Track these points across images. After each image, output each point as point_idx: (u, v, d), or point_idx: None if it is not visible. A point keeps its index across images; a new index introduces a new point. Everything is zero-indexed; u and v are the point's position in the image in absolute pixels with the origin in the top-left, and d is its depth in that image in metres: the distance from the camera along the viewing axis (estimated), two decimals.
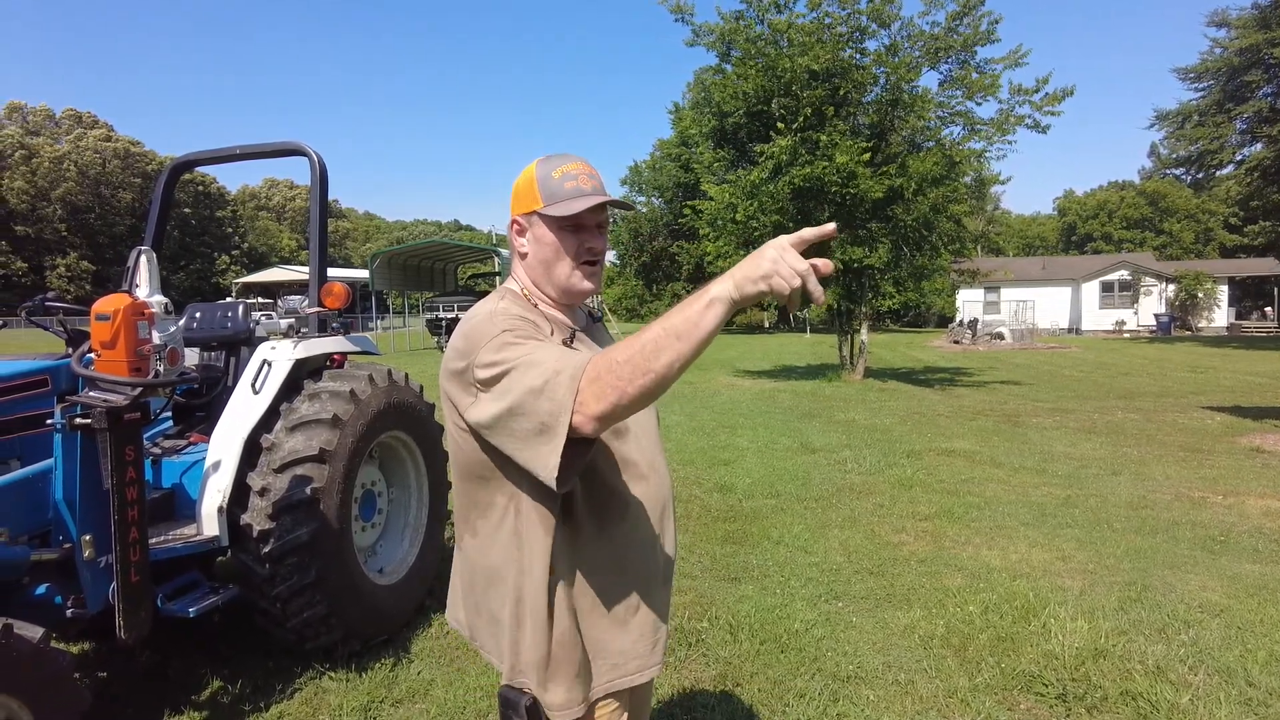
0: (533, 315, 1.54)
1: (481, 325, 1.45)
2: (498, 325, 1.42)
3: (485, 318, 1.47)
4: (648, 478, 1.60)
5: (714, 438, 9.50)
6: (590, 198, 1.51)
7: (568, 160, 1.57)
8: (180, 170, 4.38)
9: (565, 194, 1.52)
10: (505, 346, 1.37)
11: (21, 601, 2.82)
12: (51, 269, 63.46)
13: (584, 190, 1.52)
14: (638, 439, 1.61)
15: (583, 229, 1.56)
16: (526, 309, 1.55)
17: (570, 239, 1.55)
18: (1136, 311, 40.07)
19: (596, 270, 1.60)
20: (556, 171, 1.54)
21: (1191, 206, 63.83)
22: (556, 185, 1.53)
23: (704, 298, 1.20)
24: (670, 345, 1.20)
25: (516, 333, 1.40)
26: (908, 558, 5.09)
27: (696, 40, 15.83)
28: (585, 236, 1.56)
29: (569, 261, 1.55)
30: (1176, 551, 5.19)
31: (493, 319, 1.45)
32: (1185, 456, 8.35)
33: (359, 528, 3.84)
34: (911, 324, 50.32)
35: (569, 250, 1.55)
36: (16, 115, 70.26)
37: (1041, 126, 15.05)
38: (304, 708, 3.27)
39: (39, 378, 3.01)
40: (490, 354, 1.37)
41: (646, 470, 1.60)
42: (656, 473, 1.64)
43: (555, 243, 1.55)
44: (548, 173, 1.55)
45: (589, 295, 1.61)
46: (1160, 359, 22.45)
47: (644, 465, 1.60)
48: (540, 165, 1.57)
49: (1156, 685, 3.33)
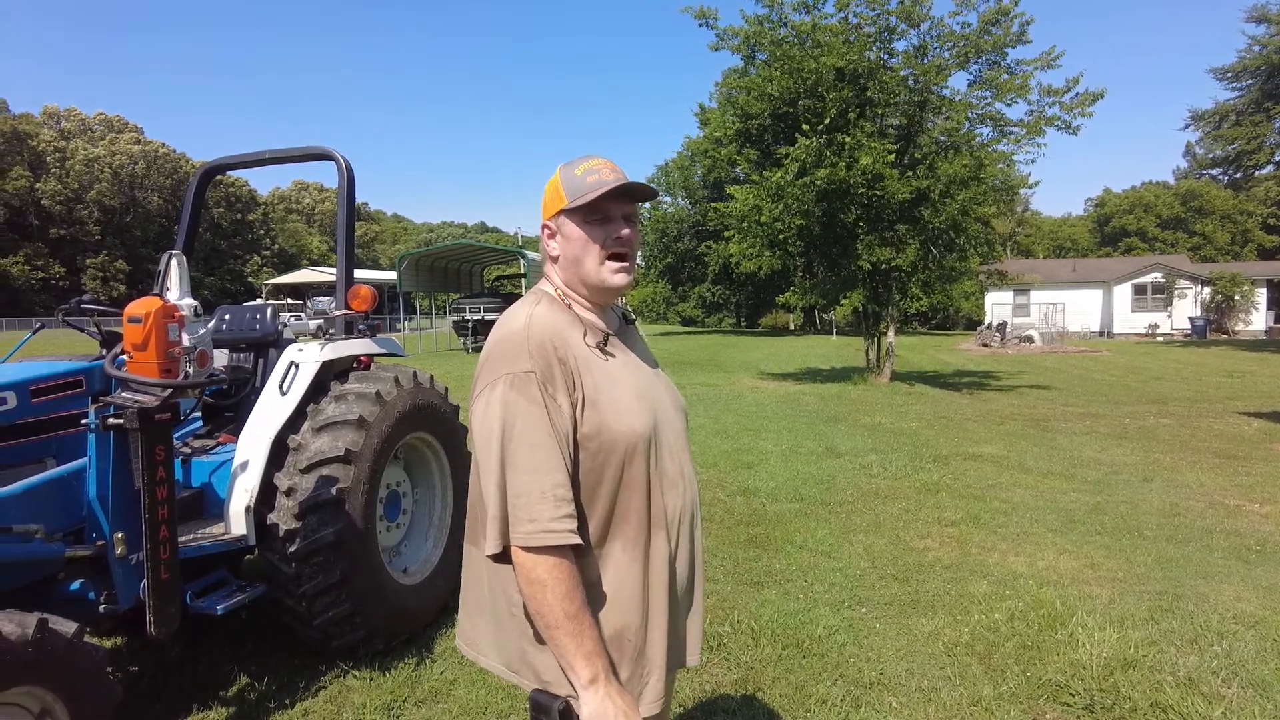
0: (565, 319, 1.55)
1: (511, 342, 1.49)
2: (520, 359, 1.45)
3: (519, 332, 1.49)
4: (678, 486, 1.60)
5: (738, 440, 9.47)
6: (611, 184, 1.52)
7: (590, 158, 1.58)
8: (211, 175, 4.45)
9: (587, 187, 1.52)
10: (507, 409, 1.43)
11: (56, 597, 2.89)
12: (84, 271, 64.88)
13: (605, 181, 1.52)
14: (671, 448, 1.60)
15: (609, 220, 1.55)
16: (560, 311, 1.57)
17: (597, 231, 1.55)
18: (1170, 314, 39.26)
19: (627, 265, 1.58)
20: (579, 169, 1.56)
21: (1228, 207, 62.54)
22: (579, 181, 1.54)
23: (576, 661, 1.39)
24: (540, 615, 1.41)
25: (526, 398, 1.43)
26: (933, 564, 5.04)
27: (721, 44, 15.80)
28: (613, 228, 1.56)
29: (597, 254, 1.55)
30: (1210, 561, 5.09)
31: (524, 338, 1.48)
32: (1220, 463, 8.18)
33: (384, 528, 3.88)
34: (939, 326, 49.75)
35: (596, 241, 1.55)
36: (51, 120, 71.94)
37: (1073, 128, 14.82)
38: (328, 705, 3.31)
39: (74, 379, 3.08)
40: (493, 405, 1.45)
41: (677, 478, 1.60)
42: (686, 480, 1.63)
43: (583, 237, 1.55)
44: (570, 173, 1.56)
45: (621, 291, 1.60)
46: (1195, 363, 22.00)
47: (675, 473, 1.60)
48: (563, 169, 1.59)
49: (1188, 697, 3.26)
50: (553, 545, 1.38)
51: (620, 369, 1.58)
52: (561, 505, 1.40)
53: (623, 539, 1.52)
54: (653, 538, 1.54)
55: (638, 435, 1.50)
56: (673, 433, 1.63)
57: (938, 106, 15.04)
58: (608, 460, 1.49)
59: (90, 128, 72.73)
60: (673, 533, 1.59)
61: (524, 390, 1.43)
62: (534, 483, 1.40)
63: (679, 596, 1.62)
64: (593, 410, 1.48)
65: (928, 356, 25.52)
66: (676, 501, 1.59)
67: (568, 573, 1.39)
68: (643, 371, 1.65)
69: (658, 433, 1.56)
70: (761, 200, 15.30)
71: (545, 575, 1.38)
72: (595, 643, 1.40)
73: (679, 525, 1.60)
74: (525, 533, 1.38)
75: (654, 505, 1.54)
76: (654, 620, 1.55)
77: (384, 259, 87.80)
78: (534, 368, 1.44)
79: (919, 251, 15.24)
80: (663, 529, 1.56)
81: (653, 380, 1.66)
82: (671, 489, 1.58)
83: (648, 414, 1.54)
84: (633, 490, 1.52)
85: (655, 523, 1.55)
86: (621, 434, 1.49)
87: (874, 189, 14.38)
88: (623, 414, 1.50)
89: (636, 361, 1.66)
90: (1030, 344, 30.45)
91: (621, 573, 1.52)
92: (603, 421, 1.48)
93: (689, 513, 1.63)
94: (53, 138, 67.82)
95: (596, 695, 1.38)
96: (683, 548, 1.62)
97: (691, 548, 1.64)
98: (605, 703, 1.38)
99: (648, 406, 1.56)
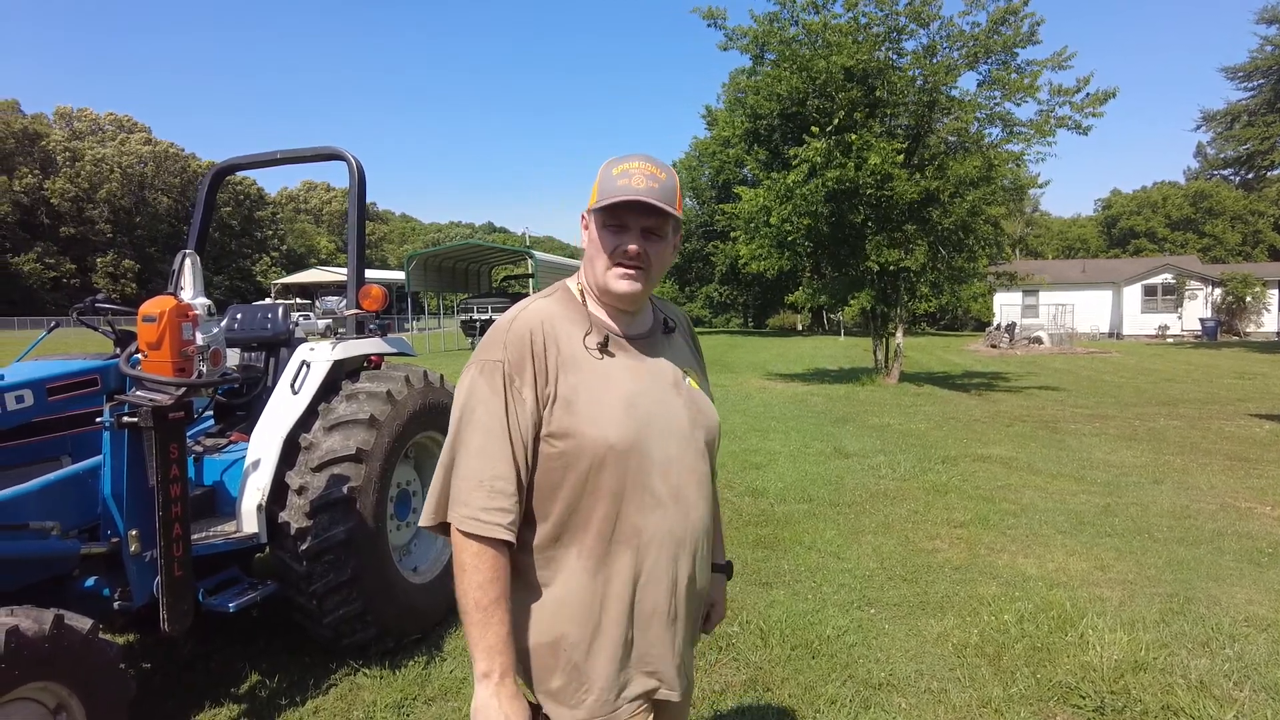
0: (569, 314, 1.52)
1: (496, 331, 1.51)
2: (495, 348, 1.47)
3: (505, 322, 1.51)
4: (665, 507, 1.49)
5: (745, 441, 9.46)
6: (626, 196, 1.44)
7: (632, 159, 1.50)
8: (222, 175, 4.47)
9: (614, 191, 1.45)
10: (471, 395, 1.46)
11: (72, 593, 2.92)
12: (95, 270, 65.29)
13: (632, 189, 1.44)
14: (667, 467, 1.49)
15: (624, 231, 1.48)
16: (569, 306, 1.54)
17: (610, 238, 1.48)
18: (1180, 316, 39.04)
19: (633, 274, 1.49)
20: (617, 169, 1.49)
21: (1239, 207, 62.13)
22: (611, 182, 1.47)
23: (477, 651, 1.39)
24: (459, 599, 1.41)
25: (489, 387, 1.44)
26: (941, 565, 5.03)
27: (730, 44, 15.79)
28: (625, 239, 1.48)
29: (605, 259, 1.49)
30: (1221, 563, 5.06)
31: (506, 329, 1.49)
32: (1231, 465, 8.13)
33: (394, 526, 3.90)
34: (948, 327, 49.61)
35: (606, 248, 1.49)
36: (63, 120, 72.43)
37: (1083, 128, 14.75)
38: (339, 703, 3.33)
39: (89, 377, 3.10)
40: (462, 388, 1.48)
41: (667, 499, 1.49)
42: (680, 504, 1.51)
43: (597, 239, 1.50)
44: (609, 170, 1.50)
45: (624, 299, 1.52)
46: (1206, 364, 21.88)
47: (665, 494, 1.49)
48: (607, 165, 1.52)
49: (1199, 700, 3.25)
50: (477, 534, 1.38)
51: (618, 373, 1.50)
52: (496, 497, 1.39)
53: (579, 547, 1.46)
54: (614, 553, 1.46)
55: (608, 445, 1.42)
56: (675, 451, 1.51)
57: (947, 107, 15.00)
58: (572, 464, 1.44)
59: (101, 128, 73.23)
60: (645, 555, 1.48)
61: (489, 378, 1.44)
62: (476, 469, 1.40)
63: (645, 622, 1.50)
64: (564, 410, 1.43)
65: (936, 357, 25.44)
66: (659, 523, 1.48)
67: (489, 564, 1.38)
68: (649, 381, 1.54)
69: (644, 447, 1.46)
70: (770, 201, 15.29)
71: (467, 561, 1.38)
72: (501, 640, 1.38)
73: (656, 548, 1.48)
74: (457, 516, 1.39)
75: (622, 521, 1.46)
76: (602, 639, 1.46)
77: (392, 259, 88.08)
78: (504, 358, 1.44)
79: (928, 252, 15.20)
80: (630, 548, 1.47)
81: (661, 392, 1.54)
82: (653, 509, 1.47)
83: (631, 425, 1.45)
84: (598, 499, 1.45)
85: (621, 539, 1.46)
86: (590, 440, 1.42)
87: (883, 189, 14.35)
88: (599, 420, 1.43)
89: (646, 369, 1.55)
90: (1039, 345, 30.34)
91: (571, 582, 1.46)
92: (573, 424, 1.43)
93: (675, 539, 1.50)
94: (64, 137, 68.28)
95: (486, 690, 1.37)
96: (660, 573, 1.49)
97: (674, 575, 1.51)
98: (490, 699, 1.36)
99: (635, 417, 1.46)
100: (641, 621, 1.50)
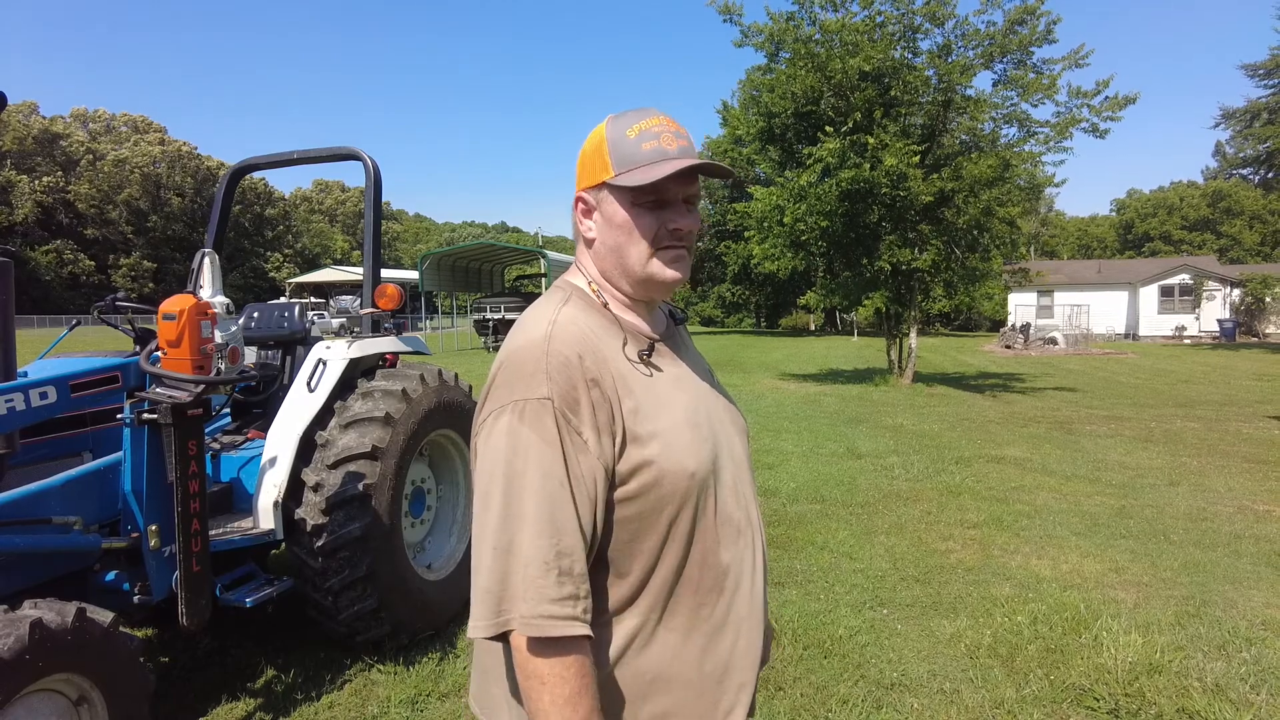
0: (600, 324, 1.22)
1: (526, 356, 1.14)
2: (534, 380, 1.11)
3: (537, 343, 1.15)
4: (744, 534, 1.26)
5: (758, 441, 9.45)
6: (675, 161, 1.17)
7: (646, 115, 1.22)
8: (240, 174, 4.52)
9: (643, 158, 1.17)
10: (513, 448, 1.09)
11: (93, 587, 2.96)
12: (115, 269, 66.01)
13: (667, 152, 1.18)
14: (734, 486, 1.26)
15: (666, 205, 1.20)
16: (594, 313, 1.24)
17: (648, 218, 1.20)
18: (1198, 316, 38.64)
19: (683, 254, 1.24)
20: (632, 130, 1.20)
21: (1257, 207, 61.49)
22: (632, 147, 1.18)
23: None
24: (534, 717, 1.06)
25: (539, 435, 1.08)
26: (955, 566, 5.02)
27: (745, 41, 15.76)
28: (670, 215, 1.21)
29: (646, 247, 1.21)
30: (1238, 566, 5.02)
31: (542, 353, 1.13)
32: (1249, 468, 8.06)
33: (409, 524, 3.93)
34: (962, 328, 49.36)
35: (646, 232, 1.20)
36: (80, 121, 73.22)
37: (1100, 131, 14.57)
38: (353, 698, 3.36)
39: (110, 374, 3.15)
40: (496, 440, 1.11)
41: (744, 525, 1.26)
42: (754, 527, 1.30)
43: (629, 222, 1.20)
44: (620, 132, 1.20)
45: (675, 286, 1.25)
46: (1223, 366, 21.66)
47: (741, 519, 1.26)
48: (611, 124, 1.23)
49: (1215, 703, 3.23)
50: (556, 636, 1.04)
51: (671, 388, 1.23)
52: (566, 582, 1.05)
53: (667, 608, 1.18)
54: (705, 604, 1.20)
55: (688, 476, 1.16)
56: (735, 465, 1.27)
57: (962, 106, 14.91)
58: (653, 510, 1.14)
59: (116, 128, 73.95)
60: (737, 597, 1.23)
61: (537, 424, 1.08)
62: (539, 550, 1.05)
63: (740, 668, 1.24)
64: (634, 445, 1.13)
65: (950, 358, 25.32)
66: (744, 555, 1.24)
67: (576, 672, 1.05)
68: (697, 388, 1.29)
69: (718, 469, 1.22)
70: (784, 201, 15.26)
71: (545, 673, 1.04)
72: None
73: (746, 585, 1.24)
74: (522, 617, 1.04)
75: (709, 563, 1.20)
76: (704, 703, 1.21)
77: (406, 259, 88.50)
78: (551, 393, 1.09)
79: (941, 252, 15.13)
80: (723, 593, 1.21)
81: (710, 398, 1.31)
82: (734, 540, 1.23)
83: (706, 446, 1.20)
84: (679, 544, 1.17)
85: (709, 586, 1.20)
86: (671, 475, 1.14)
87: (898, 189, 14.29)
88: (674, 448, 1.15)
89: (689, 375, 1.30)
90: (1054, 346, 30.11)
91: (666, 653, 1.18)
92: (646, 460, 1.13)
93: (754, 568, 1.27)
94: (85, 139, 69.07)
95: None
96: (752, 612, 1.25)
97: (759, 610, 1.27)
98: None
99: (706, 436, 1.22)
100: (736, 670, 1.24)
